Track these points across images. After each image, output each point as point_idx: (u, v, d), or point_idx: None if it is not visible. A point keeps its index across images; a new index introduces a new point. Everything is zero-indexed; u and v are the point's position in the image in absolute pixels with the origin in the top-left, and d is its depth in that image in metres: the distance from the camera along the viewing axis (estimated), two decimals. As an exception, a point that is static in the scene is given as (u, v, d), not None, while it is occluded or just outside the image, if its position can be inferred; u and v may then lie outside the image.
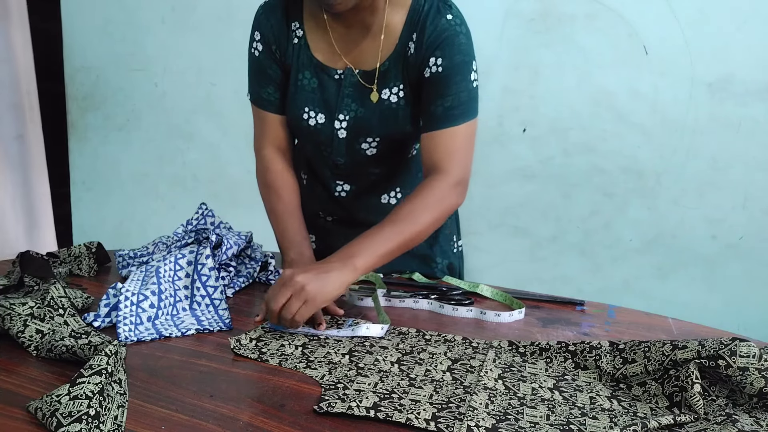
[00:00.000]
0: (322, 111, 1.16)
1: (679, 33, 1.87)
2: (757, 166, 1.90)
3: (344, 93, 1.14)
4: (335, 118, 1.15)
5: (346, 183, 1.24)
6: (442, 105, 1.07)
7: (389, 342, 0.99)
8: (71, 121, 2.63)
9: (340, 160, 1.20)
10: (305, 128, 1.18)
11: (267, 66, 1.17)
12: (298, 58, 1.15)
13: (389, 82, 1.12)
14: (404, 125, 1.14)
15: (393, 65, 1.11)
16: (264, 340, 0.99)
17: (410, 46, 1.09)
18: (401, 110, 1.13)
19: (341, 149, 1.18)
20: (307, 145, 1.24)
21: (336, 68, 1.14)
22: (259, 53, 1.17)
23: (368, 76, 1.13)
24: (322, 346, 0.97)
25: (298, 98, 1.16)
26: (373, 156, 1.19)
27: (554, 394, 0.83)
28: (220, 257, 1.20)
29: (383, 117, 1.14)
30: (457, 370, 0.90)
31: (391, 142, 1.17)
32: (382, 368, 0.89)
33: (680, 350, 0.80)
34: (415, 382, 0.86)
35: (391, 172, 1.24)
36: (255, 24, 1.17)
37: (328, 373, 0.88)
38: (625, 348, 0.88)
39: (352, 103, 1.14)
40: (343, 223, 1.32)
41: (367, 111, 1.14)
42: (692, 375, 0.77)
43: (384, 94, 1.12)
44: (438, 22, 1.06)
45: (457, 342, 1.00)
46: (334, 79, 1.14)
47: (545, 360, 0.93)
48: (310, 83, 1.15)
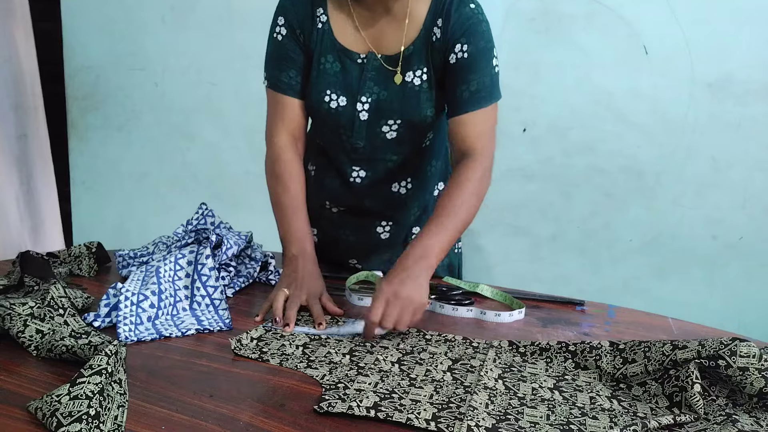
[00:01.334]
0: (344, 94, 1.17)
1: (679, 33, 1.87)
2: (757, 166, 1.90)
3: (367, 76, 1.16)
4: (357, 101, 1.17)
5: (362, 169, 1.25)
6: (468, 89, 1.13)
7: (390, 342, 0.99)
8: (71, 120, 2.63)
9: (360, 144, 1.21)
10: (326, 111, 1.18)
11: (290, 49, 1.18)
12: (321, 43, 1.16)
13: (413, 65, 1.15)
14: (426, 108, 1.17)
15: (417, 50, 1.14)
16: (264, 340, 0.99)
17: (435, 32, 1.13)
18: (424, 93, 1.16)
19: (362, 132, 1.19)
20: (326, 130, 1.24)
21: (359, 52, 1.16)
22: (283, 37, 1.18)
23: (391, 60, 1.16)
24: (323, 346, 0.97)
25: (320, 81, 1.17)
26: (393, 140, 1.20)
27: (554, 394, 0.83)
28: (220, 257, 1.20)
29: (405, 99, 1.16)
30: (458, 370, 0.90)
31: (411, 125, 1.19)
32: (382, 368, 0.89)
33: (680, 350, 0.81)
34: (416, 381, 0.86)
35: (407, 159, 1.25)
36: (279, 9, 1.19)
37: (329, 372, 0.88)
38: (625, 348, 0.88)
39: (375, 86, 1.16)
40: (349, 214, 1.32)
41: (390, 93, 1.16)
42: (692, 375, 0.77)
43: (408, 77, 1.15)
44: (463, 11, 1.11)
45: (457, 342, 1.00)
46: (356, 63, 1.16)
47: (545, 360, 0.94)
48: (332, 67, 1.17)
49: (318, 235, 1.38)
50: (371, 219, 1.32)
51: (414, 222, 1.34)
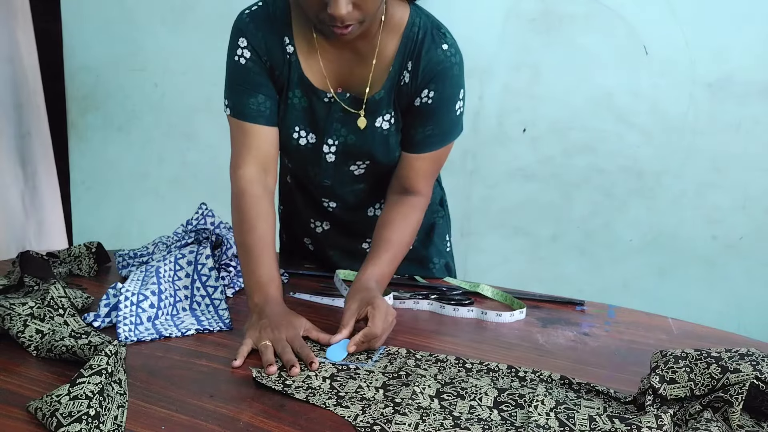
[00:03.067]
0: (312, 131, 1.13)
1: (679, 33, 1.87)
2: (757, 166, 1.90)
3: (333, 117, 1.11)
4: (324, 142, 1.13)
5: (332, 201, 1.24)
6: (423, 133, 1.10)
7: (426, 371, 0.91)
8: (71, 120, 2.63)
9: (327, 182, 1.19)
10: (294, 147, 1.14)
11: (256, 73, 1.08)
12: (289, 75, 1.09)
13: (381, 109, 1.10)
14: (395, 151, 1.14)
15: (386, 93, 1.09)
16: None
17: (404, 75, 1.07)
18: (392, 137, 1.12)
19: (329, 172, 1.17)
20: (294, 164, 1.23)
21: (326, 91, 1.10)
22: (247, 60, 1.07)
23: (357, 102, 1.10)
24: (352, 379, 0.88)
25: (289, 116, 1.11)
26: (360, 175, 1.19)
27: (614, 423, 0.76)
28: (220, 257, 1.20)
29: (374, 143, 1.12)
30: (505, 406, 0.82)
31: (378, 165, 1.16)
32: (421, 404, 0.81)
33: (733, 374, 0.75)
34: (461, 421, 0.78)
35: (377, 188, 1.23)
36: (239, 30, 1.08)
37: (362, 412, 0.80)
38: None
39: (342, 128, 1.12)
40: (334, 232, 1.31)
41: (357, 137, 1.12)
42: (743, 393, 0.73)
43: (377, 122, 1.10)
44: (433, 53, 1.05)
45: (502, 372, 0.92)
46: (323, 102, 1.10)
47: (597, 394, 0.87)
48: (300, 102, 1.11)
49: (312, 244, 1.37)
50: (355, 237, 1.31)
51: None
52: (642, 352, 1.00)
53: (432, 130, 1.10)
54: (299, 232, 1.37)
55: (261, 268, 1.04)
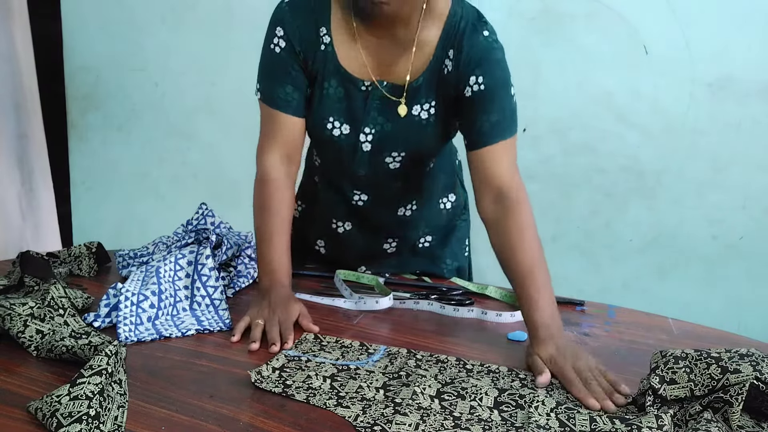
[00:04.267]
0: (347, 122, 1.12)
1: (679, 33, 1.87)
2: (757, 166, 1.90)
3: (371, 106, 1.11)
4: (360, 131, 1.12)
5: (364, 193, 1.21)
6: (488, 121, 1.05)
7: (427, 372, 0.91)
8: (71, 120, 2.63)
9: (362, 172, 1.17)
10: (328, 138, 1.14)
11: (289, 64, 1.09)
12: (324, 66, 1.09)
13: (420, 97, 1.09)
14: (432, 141, 1.13)
15: (426, 81, 1.08)
16: (287, 371, 0.90)
17: (447, 63, 1.07)
18: (431, 126, 1.11)
19: (364, 162, 1.15)
20: (327, 155, 1.21)
21: (363, 79, 1.10)
22: (281, 50, 1.09)
23: (396, 90, 1.10)
24: (352, 379, 0.88)
25: (323, 107, 1.11)
26: (396, 169, 1.16)
27: (615, 424, 0.76)
28: (220, 257, 1.20)
29: (411, 132, 1.11)
30: (506, 406, 0.82)
31: (416, 157, 1.15)
32: (421, 404, 0.81)
33: (732, 374, 0.75)
34: (461, 422, 0.78)
35: (411, 185, 1.22)
36: (277, 20, 1.09)
37: (362, 412, 0.80)
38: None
39: (379, 117, 1.11)
40: (355, 231, 1.28)
41: (394, 125, 1.11)
42: (743, 393, 0.73)
43: (414, 110, 1.10)
44: (476, 40, 1.05)
45: (502, 373, 0.92)
46: (360, 91, 1.10)
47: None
48: (336, 92, 1.11)
49: (326, 247, 1.35)
50: (377, 237, 1.29)
51: (421, 235, 1.32)
52: (642, 352, 1.00)
53: (496, 116, 1.05)
54: (314, 234, 1.34)
55: (274, 252, 1.10)
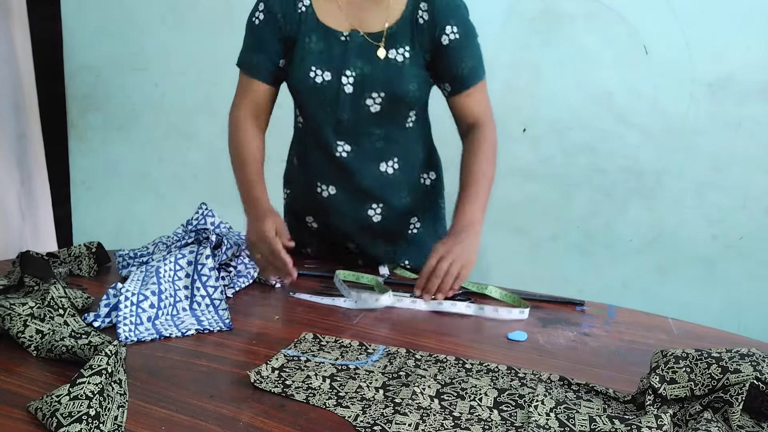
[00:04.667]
0: (329, 69, 1.24)
1: (679, 33, 1.87)
2: (757, 166, 1.90)
3: (351, 51, 1.23)
4: (342, 74, 1.23)
5: (347, 143, 1.28)
6: (466, 66, 1.25)
7: (426, 371, 0.91)
8: (71, 121, 2.63)
9: (344, 116, 1.26)
10: (311, 86, 1.24)
11: (266, 34, 1.26)
12: (306, 25, 1.24)
13: (396, 43, 1.23)
14: (409, 82, 1.24)
15: (400, 29, 1.23)
16: (287, 371, 0.90)
17: (421, 15, 1.22)
18: (406, 68, 1.24)
19: (346, 105, 1.25)
20: (311, 106, 1.28)
21: (342, 31, 1.24)
22: (260, 21, 1.26)
23: (374, 37, 1.23)
24: (352, 379, 0.88)
25: (306, 59, 1.24)
26: (376, 113, 1.26)
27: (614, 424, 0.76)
28: (220, 257, 1.20)
29: (389, 73, 1.23)
30: (505, 406, 0.82)
31: (394, 99, 1.25)
32: (421, 404, 0.81)
33: (733, 374, 0.75)
34: (461, 422, 0.78)
35: (391, 137, 1.30)
36: None
37: (362, 412, 0.80)
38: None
39: (358, 61, 1.23)
40: (340, 195, 1.32)
41: (374, 67, 1.23)
42: (743, 393, 0.73)
43: (391, 54, 1.23)
44: None
45: (501, 372, 0.92)
46: (340, 41, 1.24)
47: (597, 395, 0.87)
48: (316, 46, 1.24)
49: (314, 222, 1.40)
50: (362, 200, 1.33)
51: (406, 208, 1.36)
52: (642, 352, 1.00)
53: (471, 61, 1.25)
54: (304, 210, 1.40)
55: (250, 186, 1.27)
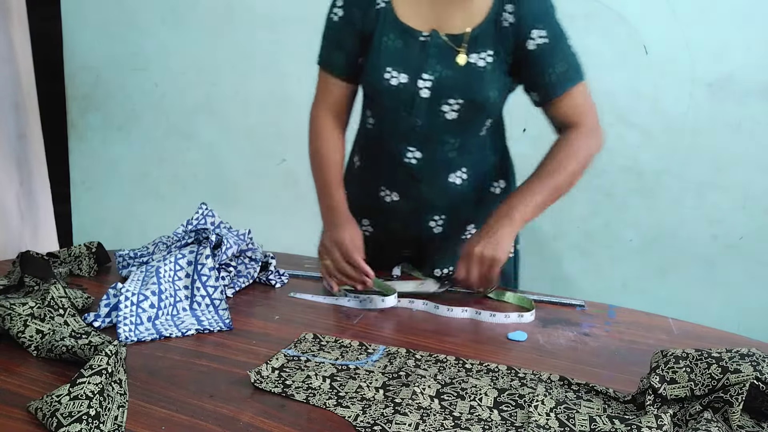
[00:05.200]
0: (405, 71, 1.17)
1: (679, 33, 1.87)
2: (757, 166, 1.90)
3: (429, 53, 1.16)
4: (419, 77, 1.16)
5: (418, 150, 1.21)
6: (555, 72, 1.15)
7: (426, 371, 0.91)
8: (71, 121, 2.63)
9: (418, 122, 1.19)
10: (386, 88, 1.18)
11: (344, 31, 1.20)
12: (383, 22, 1.17)
13: (478, 47, 1.15)
14: (489, 89, 1.16)
15: (483, 32, 1.14)
16: (287, 371, 0.90)
17: (506, 17, 1.14)
18: (487, 74, 1.15)
19: (421, 110, 1.18)
20: (384, 108, 1.22)
21: (422, 30, 1.17)
22: (339, 18, 1.21)
23: (455, 40, 1.15)
24: (352, 379, 0.88)
25: (381, 59, 1.18)
26: (452, 121, 1.18)
27: (614, 424, 0.76)
28: (220, 257, 1.20)
29: (469, 79, 1.15)
30: (505, 406, 0.82)
31: (472, 106, 1.17)
32: (421, 404, 0.82)
33: (733, 374, 0.75)
34: (461, 422, 0.78)
35: (465, 146, 1.22)
36: None
37: (362, 412, 0.80)
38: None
39: (437, 65, 1.16)
40: (403, 203, 1.27)
41: (453, 72, 1.15)
42: (743, 393, 0.73)
43: (472, 58, 1.15)
44: None
45: (501, 373, 0.92)
46: (419, 41, 1.17)
47: (598, 395, 0.87)
48: (394, 44, 1.17)
49: (371, 226, 1.34)
50: (425, 210, 1.28)
51: (469, 218, 1.30)
52: (642, 352, 1.00)
53: (561, 66, 1.15)
54: (361, 210, 1.32)
55: (329, 188, 1.24)
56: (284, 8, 2.21)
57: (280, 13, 2.22)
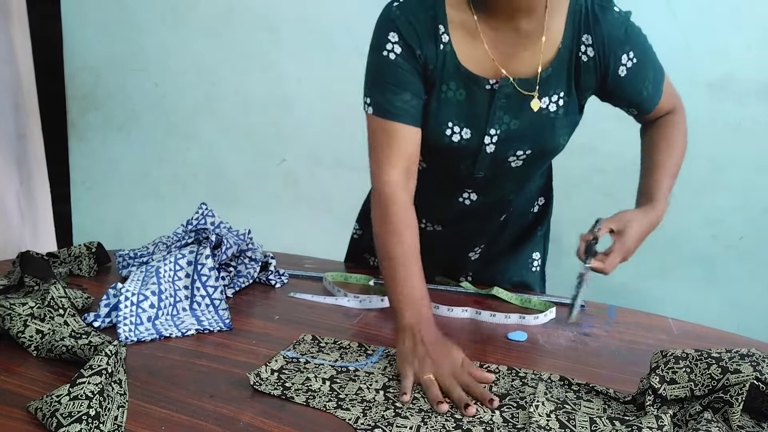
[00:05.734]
0: (469, 126, 1.04)
1: (678, 33, 1.87)
2: (757, 166, 1.90)
3: (497, 105, 1.03)
4: (485, 133, 1.05)
5: (474, 193, 1.14)
6: (648, 86, 1.09)
7: None
8: (71, 120, 2.63)
9: (480, 174, 1.10)
10: (446, 145, 1.05)
11: (406, 71, 1.01)
12: (443, 67, 1.02)
13: (549, 89, 1.03)
14: (560, 136, 1.07)
15: (555, 72, 1.03)
16: (287, 373, 0.89)
17: (584, 50, 1.02)
18: (559, 120, 1.05)
19: (485, 163, 1.08)
20: (441, 160, 1.11)
21: (487, 77, 1.02)
22: (397, 56, 1.00)
23: (525, 84, 1.03)
24: (352, 381, 0.87)
25: (442, 112, 1.04)
26: (517, 168, 1.10)
27: (615, 425, 0.76)
28: (220, 257, 1.20)
29: (539, 127, 1.05)
30: (507, 408, 0.82)
31: (540, 155, 1.09)
32: (422, 407, 0.81)
33: (733, 374, 0.75)
34: (462, 424, 0.78)
35: (523, 187, 1.18)
36: (388, 24, 1.01)
37: (362, 414, 0.79)
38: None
39: (505, 116, 1.04)
40: (450, 234, 1.22)
41: (522, 122, 1.04)
42: (743, 393, 0.73)
43: (543, 103, 1.04)
44: (612, 20, 1.02)
45: (502, 374, 0.91)
46: (485, 90, 1.02)
47: (598, 395, 0.87)
48: (456, 95, 1.03)
49: None
50: (468, 241, 1.25)
51: (505, 241, 1.29)
52: (642, 352, 1.00)
53: (651, 76, 1.09)
54: None
55: (412, 280, 0.97)
56: (284, 8, 2.21)
57: (280, 13, 2.22)
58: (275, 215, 2.35)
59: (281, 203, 2.39)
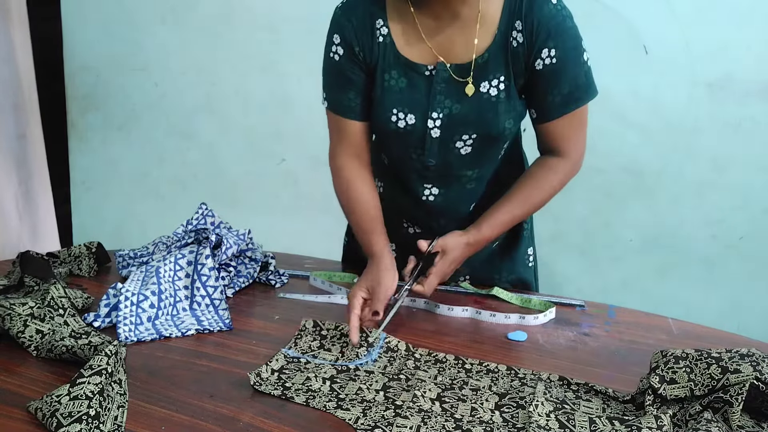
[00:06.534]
0: (412, 111, 1.09)
1: (679, 33, 1.87)
2: (757, 166, 1.90)
3: (436, 90, 1.07)
4: (428, 117, 1.09)
5: (434, 186, 1.17)
6: (560, 93, 1.06)
7: (426, 374, 0.91)
8: (71, 120, 2.63)
9: (432, 162, 1.13)
10: (394, 131, 1.11)
11: (349, 70, 1.10)
12: (384, 58, 1.08)
13: (488, 74, 1.06)
14: (504, 120, 1.08)
15: (493, 56, 1.05)
16: (287, 373, 0.89)
17: (515, 36, 1.04)
18: (501, 104, 1.07)
19: (434, 150, 1.12)
20: (394, 149, 1.17)
21: (426, 64, 1.07)
22: (340, 57, 1.10)
23: (462, 70, 1.06)
24: (352, 380, 0.87)
25: (386, 100, 1.10)
26: (467, 155, 1.12)
27: (614, 425, 0.76)
28: (220, 257, 1.20)
29: (481, 112, 1.07)
30: (507, 408, 0.82)
31: (487, 139, 1.11)
32: (422, 407, 0.81)
33: (733, 374, 0.75)
34: (462, 424, 0.78)
35: (483, 176, 1.18)
36: (334, 26, 1.10)
37: (362, 414, 0.79)
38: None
39: (446, 100, 1.08)
40: (429, 233, 1.21)
41: (463, 107, 1.08)
42: (743, 393, 0.73)
43: (483, 87, 1.06)
44: (544, 9, 1.02)
45: (501, 373, 0.92)
46: (424, 76, 1.08)
47: (596, 395, 0.87)
48: (398, 83, 1.09)
49: (396, 250, 1.27)
50: None
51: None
52: (642, 352, 1.00)
53: (567, 87, 1.06)
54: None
55: (374, 237, 1.12)
56: (284, 8, 2.21)
57: (280, 13, 2.22)
58: (275, 215, 2.35)
59: (281, 203, 2.39)
